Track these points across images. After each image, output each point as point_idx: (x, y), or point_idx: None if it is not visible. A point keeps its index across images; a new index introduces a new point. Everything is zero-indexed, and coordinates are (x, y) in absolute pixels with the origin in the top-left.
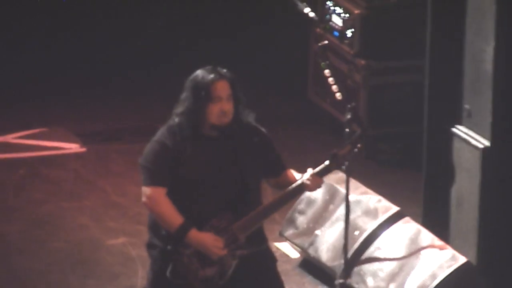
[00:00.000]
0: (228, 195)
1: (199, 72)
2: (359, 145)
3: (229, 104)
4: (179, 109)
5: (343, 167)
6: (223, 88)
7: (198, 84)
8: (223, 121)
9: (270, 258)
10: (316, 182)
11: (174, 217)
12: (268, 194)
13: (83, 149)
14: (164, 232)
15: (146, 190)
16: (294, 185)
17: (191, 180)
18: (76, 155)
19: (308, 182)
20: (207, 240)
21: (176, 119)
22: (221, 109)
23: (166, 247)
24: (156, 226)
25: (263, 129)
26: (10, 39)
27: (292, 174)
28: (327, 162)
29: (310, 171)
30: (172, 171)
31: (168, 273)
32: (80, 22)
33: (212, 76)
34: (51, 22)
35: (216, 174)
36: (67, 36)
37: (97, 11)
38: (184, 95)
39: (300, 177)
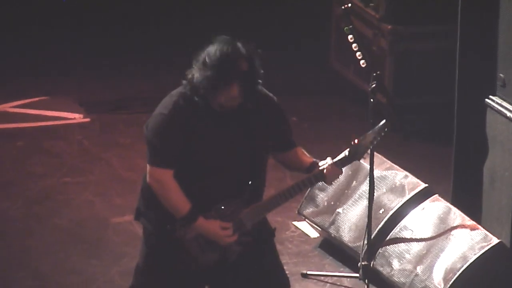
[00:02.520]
0: (239, 175)
1: (220, 50)
2: (381, 136)
3: (242, 90)
4: (194, 78)
5: (364, 157)
6: (240, 73)
7: (218, 67)
8: (233, 105)
9: (268, 234)
10: (334, 173)
11: (181, 202)
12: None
13: (87, 119)
14: (164, 209)
15: (152, 171)
16: (308, 175)
17: (200, 159)
18: (79, 126)
19: (325, 173)
20: (215, 228)
21: (188, 90)
22: (232, 95)
23: (165, 224)
24: (155, 197)
25: (274, 98)
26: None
27: (303, 153)
28: (346, 152)
29: (329, 160)
30: (181, 149)
31: (165, 254)
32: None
33: (232, 59)
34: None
35: (227, 153)
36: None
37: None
38: (201, 65)
39: (309, 162)
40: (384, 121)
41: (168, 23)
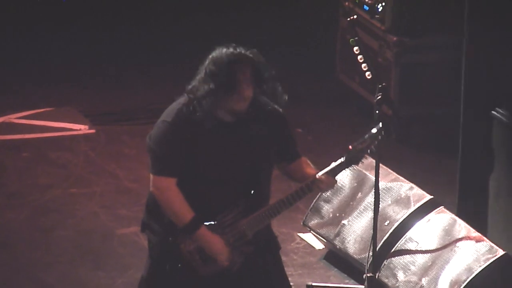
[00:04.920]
0: (240, 186)
1: (222, 55)
2: (378, 140)
3: (250, 89)
4: (198, 90)
5: (362, 161)
6: (246, 73)
7: (222, 71)
8: (242, 107)
9: (274, 246)
10: (329, 180)
11: (184, 211)
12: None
13: (92, 131)
14: (166, 221)
15: (155, 180)
16: (305, 183)
17: (202, 169)
18: (84, 137)
19: (320, 180)
20: (216, 244)
21: (194, 101)
22: (242, 95)
23: (167, 236)
24: (158, 209)
25: (279, 110)
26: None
27: (307, 164)
28: (342, 159)
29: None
30: (183, 159)
31: (167, 268)
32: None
33: (237, 60)
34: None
35: (229, 163)
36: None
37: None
38: (204, 76)
39: (312, 173)
40: (380, 124)
41: (174, 32)
